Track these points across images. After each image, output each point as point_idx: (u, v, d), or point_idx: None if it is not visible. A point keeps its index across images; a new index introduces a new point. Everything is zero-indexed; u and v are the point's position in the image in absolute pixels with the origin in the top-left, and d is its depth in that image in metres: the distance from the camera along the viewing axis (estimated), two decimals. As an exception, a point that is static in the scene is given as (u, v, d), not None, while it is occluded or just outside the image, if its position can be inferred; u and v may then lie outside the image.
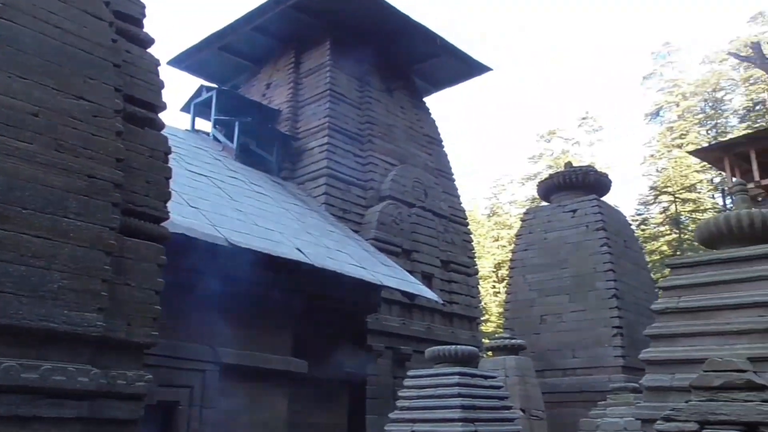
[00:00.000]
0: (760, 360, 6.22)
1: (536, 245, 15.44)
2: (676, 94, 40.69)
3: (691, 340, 6.81)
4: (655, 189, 38.04)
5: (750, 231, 7.05)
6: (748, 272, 6.79)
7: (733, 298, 6.74)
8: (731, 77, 39.21)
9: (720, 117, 39.23)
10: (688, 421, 6.04)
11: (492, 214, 47.49)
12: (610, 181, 16.24)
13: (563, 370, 13.87)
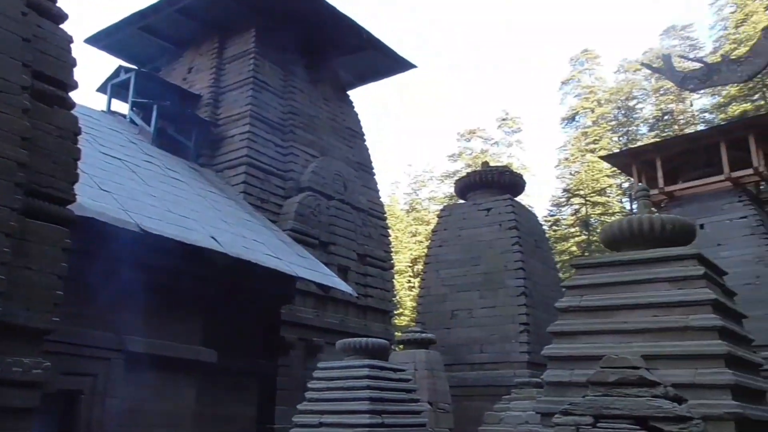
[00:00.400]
0: (653, 358, 6.63)
1: (451, 242, 15.79)
2: (592, 101, 42.39)
3: (591, 338, 7.18)
4: (567, 191, 39.62)
5: (650, 235, 7.49)
6: (645, 274, 7.22)
7: (631, 298, 7.15)
8: (643, 87, 41.26)
9: (631, 125, 41.19)
10: (584, 415, 6.37)
11: (411, 210, 48.08)
12: (524, 182, 16.82)
13: (471, 365, 14.27)
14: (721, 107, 33.82)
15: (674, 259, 7.11)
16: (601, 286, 7.41)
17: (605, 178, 37.90)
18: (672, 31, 40.20)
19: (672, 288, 6.95)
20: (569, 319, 7.47)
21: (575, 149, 40.99)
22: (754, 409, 6.68)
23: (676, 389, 6.33)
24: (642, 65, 31.51)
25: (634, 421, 6.13)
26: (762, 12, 31.73)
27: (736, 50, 30.25)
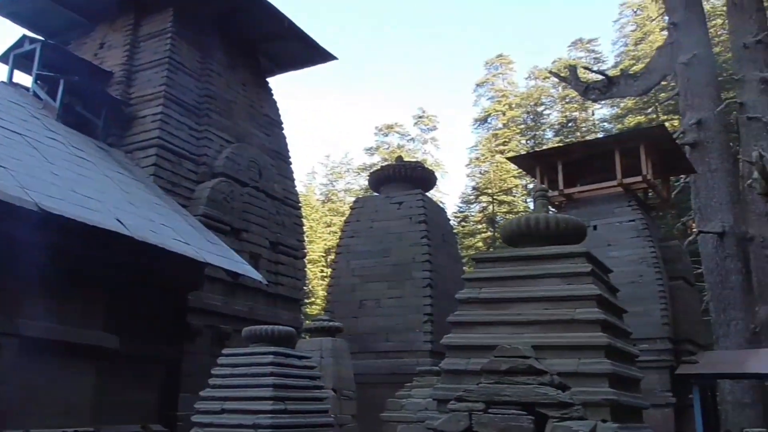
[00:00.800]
0: (543, 348, 7.10)
1: (363, 233, 16.07)
2: (504, 104, 43.92)
3: (487, 328, 7.58)
4: (477, 189, 40.98)
5: (545, 232, 7.98)
6: (539, 269, 7.70)
7: (525, 291, 7.61)
8: (551, 94, 43.17)
9: (539, 129, 43.03)
10: (477, 401, 6.75)
11: (327, 201, 48.17)
12: (435, 178, 17.34)
13: (377, 353, 14.64)
14: (619, 118, 35.99)
15: (565, 256, 7.63)
16: (499, 280, 7.84)
17: (512, 179, 39.46)
18: (579, 43, 42.30)
19: (562, 283, 7.46)
20: (468, 310, 7.86)
21: (486, 150, 42.40)
22: (628, 396, 7.30)
23: (561, 377, 6.81)
24: (550, 73, 33.00)
25: (522, 407, 6.56)
26: (658, 32, 33.93)
27: (635, 66, 32.25)
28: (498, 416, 6.57)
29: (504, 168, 39.42)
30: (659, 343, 13.51)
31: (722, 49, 29.93)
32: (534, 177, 16.46)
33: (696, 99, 21.34)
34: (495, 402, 6.71)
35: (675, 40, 22.17)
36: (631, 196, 15.03)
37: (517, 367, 6.84)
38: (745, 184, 20.77)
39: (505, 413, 6.58)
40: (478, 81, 45.90)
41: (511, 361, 6.87)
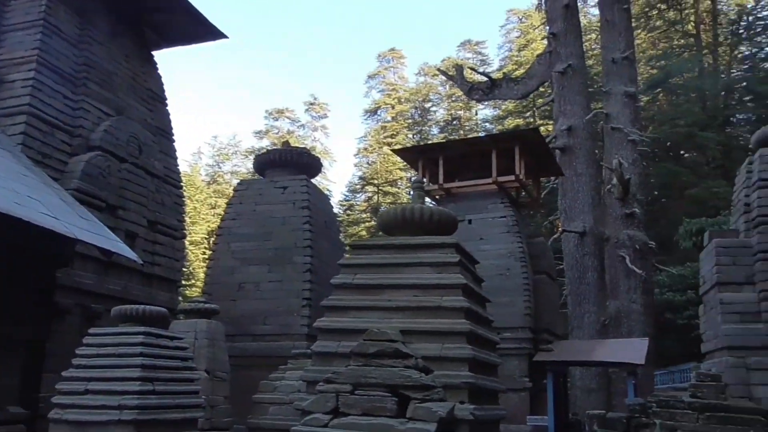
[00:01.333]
0: (410, 333, 7.51)
1: (245, 216, 15.98)
2: (394, 98, 44.79)
3: (359, 313, 7.91)
4: (363, 179, 41.60)
5: (420, 223, 8.41)
6: (411, 258, 8.12)
7: (397, 279, 8.00)
8: (439, 92, 44.53)
9: (425, 125, 44.27)
10: (344, 383, 7.04)
11: (212, 182, 47.01)
12: (321, 165, 17.52)
13: (254, 336, 14.66)
14: (500, 119, 37.81)
15: (436, 246, 8.10)
16: (373, 266, 8.19)
17: (398, 171, 40.42)
18: (467, 44, 43.92)
19: (432, 272, 7.91)
20: (341, 295, 8.16)
21: (374, 141, 43.11)
22: (486, 380, 7.88)
23: (426, 361, 7.24)
24: (438, 71, 34.03)
25: (387, 389, 6.91)
26: (539, 41, 35.92)
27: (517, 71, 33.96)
28: (364, 398, 6.89)
29: (390, 160, 40.26)
30: (521, 332, 14.48)
31: (594, 62, 32.21)
32: (417, 170, 17.01)
33: (568, 107, 22.89)
34: (362, 384, 7.02)
35: (553, 49, 23.63)
36: (504, 194, 15.90)
37: (385, 350, 7.18)
38: (605, 189, 22.65)
39: (370, 395, 6.90)
40: (370, 73, 46.51)
41: (379, 345, 7.21)
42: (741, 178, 12.65)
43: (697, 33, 35.14)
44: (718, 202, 23.82)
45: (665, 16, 36.14)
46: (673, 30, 36.27)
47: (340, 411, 6.95)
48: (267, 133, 45.98)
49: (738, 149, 27.45)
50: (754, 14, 35.16)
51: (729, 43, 34.38)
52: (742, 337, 10.96)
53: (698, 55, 33.99)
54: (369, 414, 6.78)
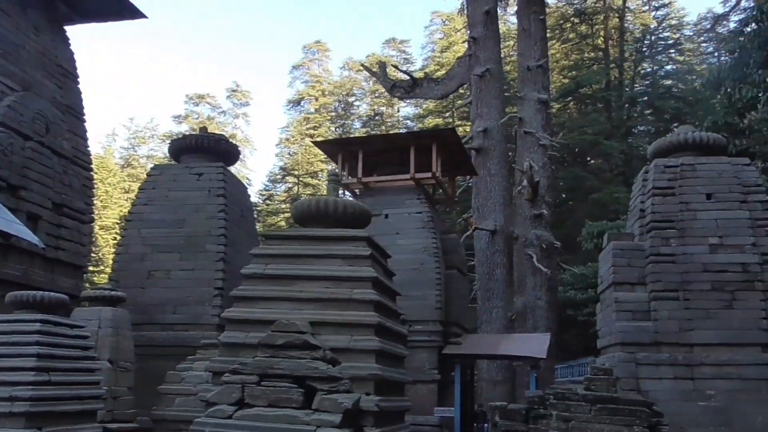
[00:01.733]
0: (320, 324, 7.60)
1: (158, 201, 15.53)
2: (318, 90, 44.59)
3: (269, 304, 7.92)
4: (284, 170, 41.21)
5: (333, 215, 8.51)
6: (323, 250, 8.21)
7: (309, 270, 8.07)
8: (362, 87, 44.70)
9: (348, 118, 44.36)
10: (251, 374, 7.06)
11: (127, 165, 45.34)
12: (239, 153, 17.24)
13: (162, 325, 14.30)
14: (421, 118, 38.41)
15: (349, 239, 8.23)
16: (285, 257, 8.22)
17: (319, 162, 40.29)
18: (392, 42, 44.36)
19: (343, 264, 8.04)
20: (252, 285, 8.14)
21: (296, 132, 42.80)
22: (393, 371, 8.08)
23: (334, 353, 7.34)
24: (362, 67, 34.15)
25: (293, 380, 6.97)
26: (461, 44, 36.74)
27: (438, 71, 34.62)
28: (270, 389, 6.92)
29: (312, 151, 40.11)
30: (431, 325, 14.83)
31: (511, 68, 33.26)
32: (337, 163, 17.05)
33: (485, 109, 23.56)
34: (268, 375, 7.04)
35: (473, 53, 24.24)
36: (420, 190, 16.21)
37: (293, 341, 7.24)
38: (516, 190, 23.50)
39: (277, 386, 6.94)
40: (295, 63, 46.09)
41: (287, 336, 7.26)
42: (637, 185, 13.50)
43: (605, 48, 37.01)
44: (619, 207, 25.18)
45: (578, 30, 37.83)
46: (585, 43, 38.03)
47: (246, 402, 6.96)
48: (186, 118, 44.71)
49: (638, 158, 29.11)
50: (656, 34, 37.53)
51: (633, 59, 36.42)
52: (633, 334, 11.75)
53: (606, 68, 35.83)
54: (275, 405, 6.83)
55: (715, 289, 11.71)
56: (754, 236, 11.94)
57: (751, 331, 11.40)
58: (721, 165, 12.69)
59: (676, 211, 12.32)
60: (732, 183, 12.44)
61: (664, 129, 29.48)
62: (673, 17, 38.41)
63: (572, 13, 37.17)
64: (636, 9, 39.28)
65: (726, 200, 12.29)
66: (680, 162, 12.78)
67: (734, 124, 16.04)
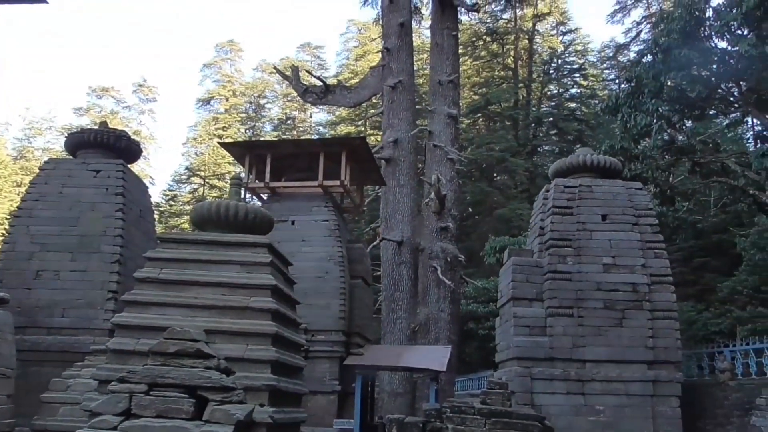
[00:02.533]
0: (215, 332, 7.36)
1: (50, 198, 14.63)
2: (228, 90, 43.64)
3: (162, 309, 7.60)
4: (190, 170, 39.94)
5: (234, 220, 8.28)
6: (222, 255, 7.96)
7: (205, 276, 7.80)
8: (275, 90, 44.16)
9: (259, 120, 43.66)
10: (140, 383, 6.72)
11: (20, 158, 42.61)
12: (140, 150, 16.52)
13: (48, 329, 13.45)
14: (333, 124, 38.41)
15: (249, 245, 8.03)
16: (181, 262, 7.92)
17: (226, 164, 39.39)
18: (307, 47, 44.14)
19: (242, 271, 7.83)
20: (145, 290, 7.79)
21: (204, 131, 41.68)
22: (289, 382, 7.93)
23: (229, 362, 7.12)
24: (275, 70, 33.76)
25: (184, 390, 6.69)
26: (375, 53, 37.15)
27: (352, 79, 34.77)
28: (159, 398, 6.61)
29: (220, 153, 39.20)
30: (334, 335, 14.74)
31: (424, 81, 33.92)
32: (244, 166, 16.70)
33: (396, 120, 23.82)
34: (158, 384, 6.73)
35: (387, 64, 24.47)
36: (328, 198, 16.13)
37: (186, 350, 6.96)
38: (424, 202, 23.86)
39: (166, 396, 6.64)
40: (207, 62, 44.93)
41: (180, 344, 6.97)
42: (538, 203, 13.99)
43: (515, 67, 38.49)
44: (522, 223, 26.10)
45: (489, 48, 39.12)
46: (495, 62, 39.39)
47: (133, 413, 6.62)
48: (88, 111, 42.49)
49: (542, 177, 30.34)
50: (562, 58, 39.47)
51: (541, 81, 38.10)
52: (529, 349, 12.05)
53: (515, 87, 37.24)
54: (163, 416, 6.54)
55: (607, 307, 12.13)
56: (644, 257, 12.51)
57: (639, 349, 11.85)
58: (616, 188, 13.31)
59: (574, 230, 12.77)
60: (625, 206, 13.05)
61: (567, 149, 30.92)
62: (579, 43, 40.49)
63: (484, 31, 38.40)
64: (545, 32, 41.12)
65: (619, 222, 12.86)
66: (579, 183, 13.31)
67: (630, 149, 16.92)
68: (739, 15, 14.39)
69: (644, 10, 37.28)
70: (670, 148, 17.66)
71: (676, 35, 15.72)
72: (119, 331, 7.61)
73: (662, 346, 11.93)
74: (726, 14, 15.03)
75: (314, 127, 41.42)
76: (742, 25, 14.90)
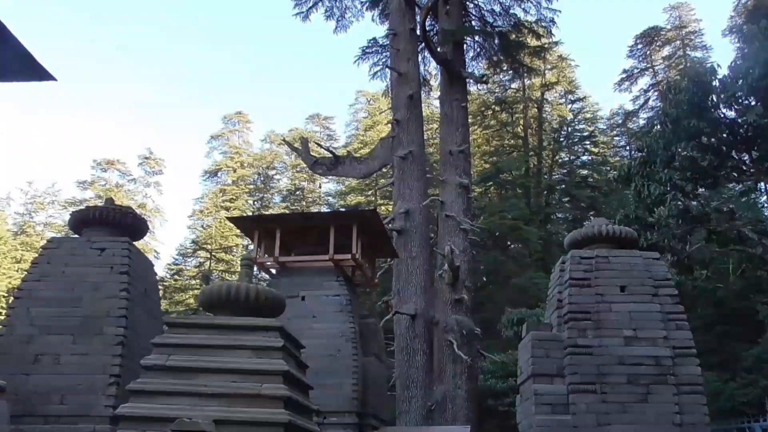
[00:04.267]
0: (225, 422, 6.84)
1: (52, 278, 14.21)
2: (236, 161, 43.97)
3: (170, 399, 7.12)
4: (196, 243, 39.73)
5: (245, 302, 7.88)
6: (232, 340, 7.53)
7: (215, 362, 7.35)
8: (284, 160, 44.49)
9: (267, 192, 43.79)
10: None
11: (21, 233, 42.57)
12: (147, 227, 16.24)
13: (46, 417, 12.75)
14: (343, 195, 38.42)
15: (260, 328, 7.61)
16: (189, 347, 7.48)
17: (234, 237, 39.22)
18: (316, 118, 44.77)
19: (253, 356, 7.38)
20: (152, 378, 7.33)
21: (211, 203, 41.71)
22: (303, 472, 7.35)
23: (239, 454, 6.58)
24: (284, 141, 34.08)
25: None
26: (385, 124, 37.60)
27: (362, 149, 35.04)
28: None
29: (227, 225, 39.10)
30: (347, 416, 14.04)
31: (434, 151, 34.09)
32: (252, 240, 16.39)
33: (407, 191, 23.67)
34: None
35: (396, 134, 24.56)
36: (340, 272, 15.72)
37: (194, 442, 6.47)
38: (437, 274, 23.39)
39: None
40: (214, 134, 45.46)
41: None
42: (555, 275, 13.57)
43: (525, 136, 38.78)
44: (539, 293, 25.52)
45: (498, 117, 39.54)
46: (505, 130, 39.74)
47: None
48: (92, 185, 42.67)
49: (556, 245, 29.96)
50: (572, 126, 39.85)
51: (551, 148, 38.29)
52: (552, 428, 11.37)
53: (525, 155, 37.38)
54: None
55: (631, 382, 11.60)
56: (665, 329, 12.04)
57: (666, 426, 11.24)
58: (633, 258, 12.94)
59: (593, 303, 12.35)
60: (644, 276, 12.66)
61: (581, 217, 30.68)
62: (588, 111, 40.97)
63: (493, 101, 38.86)
64: (553, 101, 41.70)
65: (639, 293, 12.45)
66: (595, 254, 12.95)
67: (644, 218, 16.68)
68: (745, 86, 14.44)
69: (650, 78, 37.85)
70: (685, 216, 17.38)
71: (684, 105, 15.77)
72: (124, 423, 7.12)
73: (690, 422, 11.24)
74: (732, 85, 15.09)
75: (324, 198, 41.48)
76: (748, 95, 14.93)
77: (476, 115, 38.09)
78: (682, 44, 42.70)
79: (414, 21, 26.24)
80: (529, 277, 28.76)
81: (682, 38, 42.98)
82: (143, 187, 43.94)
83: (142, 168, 44.38)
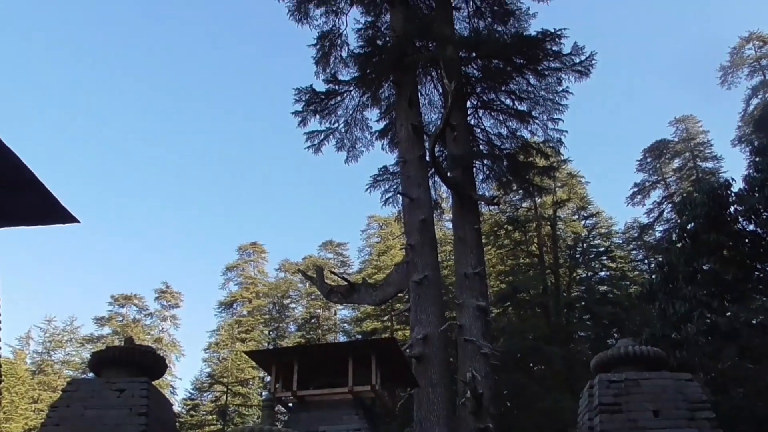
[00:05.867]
0: None
1: (70, 422, 13.89)
2: (252, 292, 44.00)
3: None
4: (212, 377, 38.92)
5: (266, 448, 7.62)
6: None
7: None
8: (298, 289, 44.46)
9: (282, 321, 43.44)
10: None
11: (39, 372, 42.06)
12: (166, 366, 16.05)
13: None
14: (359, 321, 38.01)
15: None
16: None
17: (250, 369, 38.45)
18: (329, 245, 45.25)
19: None
20: None
21: (227, 335, 41.30)
22: None
23: None
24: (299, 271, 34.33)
25: None
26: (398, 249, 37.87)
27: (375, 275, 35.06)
28: None
29: (243, 357, 38.51)
30: None
31: (449, 273, 34.01)
32: (270, 373, 16.04)
33: (424, 315, 23.34)
34: None
35: (410, 259, 24.61)
36: (359, 404, 15.21)
37: None
38: (460, 402, 22.56)
39: None
40: (229, 265, 45.88)
41: None
42: (584, 400, 13.07)
43: (540, 254, 38.65)
44: (565, 415, 24.45)
45: (512, 236, 39.61)
46: (519, 249, 39.69)
47: None
48: (110, 321, 42.66)
49: (580, 364, 29.05)
50: (587, 242, 39.78)
51: (568, 266, 37.98)
52: None
53: (542, 273, 37.05)
54: None
55: None
56: (706, 455, 11.43)
57: None
58: (664, 380, 12.50)
59: (626, 429, 11.81)
60: (677, 399, 12.17)
61: (604, 334, 29.91)
62: (602, 226, 40.98)
63: (506, 221, 39.02)
64: (566, 218, 41.85)
65: (673, 417, 11.90)
66: (624, 377, 12.55)
67: (671, 336, 16.29)
68: (763, 198, 14.56)
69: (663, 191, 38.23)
70: (714, 333, 16.96)
71: (701, 219, 15.86)
72: None
73: None
74: (750, 198, 15.23)
75: (339, 325, 41.02)
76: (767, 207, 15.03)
77: (489, 235, 38.26)
78: (692, 155, 43.38)
79: (423, 148, 27.01)
80: (554, 400, 27.68)
81: (691, 149, 43.70)
82: (160, 321, 43.92)
83: (159, 302, 44.55)
